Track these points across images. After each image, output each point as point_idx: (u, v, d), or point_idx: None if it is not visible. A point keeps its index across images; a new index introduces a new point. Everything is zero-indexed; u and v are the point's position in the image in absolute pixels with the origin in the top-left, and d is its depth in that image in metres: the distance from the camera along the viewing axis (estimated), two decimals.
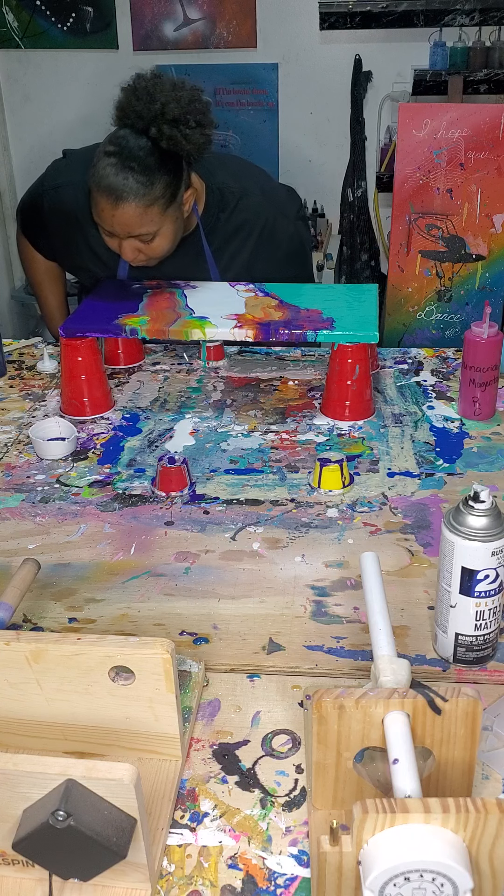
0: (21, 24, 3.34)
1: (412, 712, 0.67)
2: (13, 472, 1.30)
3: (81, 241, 1.65)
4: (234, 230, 1.62)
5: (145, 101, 1.39)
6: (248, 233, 1.63)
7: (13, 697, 0.77)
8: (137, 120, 1.40)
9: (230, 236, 1.63)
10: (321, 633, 0.96)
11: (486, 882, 0.60)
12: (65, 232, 1.66)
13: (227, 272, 1.64)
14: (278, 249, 1.65)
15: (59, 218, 1.66)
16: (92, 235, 1.59)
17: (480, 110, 1.72)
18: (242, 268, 1.65)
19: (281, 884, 0.69)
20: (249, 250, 1.64)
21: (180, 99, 1.39)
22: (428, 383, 1.55)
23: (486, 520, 0.82)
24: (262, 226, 1.63)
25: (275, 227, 1.64)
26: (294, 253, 1.68)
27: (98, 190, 1.40)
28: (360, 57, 3.19)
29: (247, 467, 1.29)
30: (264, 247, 1.64)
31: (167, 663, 0.73)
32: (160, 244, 1.48)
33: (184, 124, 1.38)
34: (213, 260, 1.63)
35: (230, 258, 1.64)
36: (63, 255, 1.75)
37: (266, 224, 1.63)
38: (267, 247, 1.64)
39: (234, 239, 1.63)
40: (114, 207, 1.40)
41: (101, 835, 0.60)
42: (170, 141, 1.39)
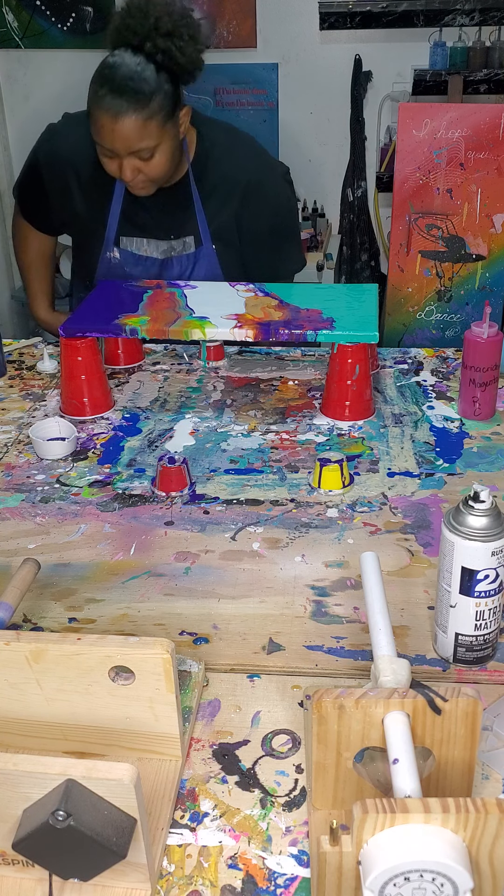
0: (21, 24, 3.34)
1: (412, 712, 0.67)
2: (13, 472, 1.30)
3: (75, 185, 1.68)
4: (222, 179, 1.66)
5: (139, 18, 1.45)
6: (236, 184, 1.67)
7: (13, 697, 0.77)
8: (132, 36, 1.45)
9: (218, 184, 1.66)
10: (321, 633, 0.96)
11: (486, 882, 0.60)
12: (59, 181, 1.70)
13: (214, 221, 1.68)
14: (266, 204, 1.69)
15: (54, 167, 1.70)
16: (86, 178, 1.64)
17: (480, 110, 1.72)
18: (230, 218, 1.68)
19: (281, 884, 0.69)
20: (238, 201, 1.67)
21: (172, 13, 1.46)
22: (428, 383, 1.55)
23: (486, 520, 0.82)
24: (250, 179, 1.67)
25: (263, 182, 1.68)
26: (282, 207, 1.74)
27: (97, 107, 1.44)
28: (360, 57, 3.19)
29: (247, 467, 1.29)
30: (252, 200, 1.68)
31: (167, 663, 0.73)
32: (159, 162, 1.51)
33: (177, 37, 1.45)
34: (202, 206, 1.66)
35: (218, 207, 1.67)
36: (59, 210, 1.76)
37: (254, 178, 1.67)
38: (255, 200, 1.68)
39: (222, 188, 1.67)
40: (114, 122, 1.44)
41: (101, 835, 0.60)
42: (164, 55, 1.45)
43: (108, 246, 1.70)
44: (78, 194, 1.70)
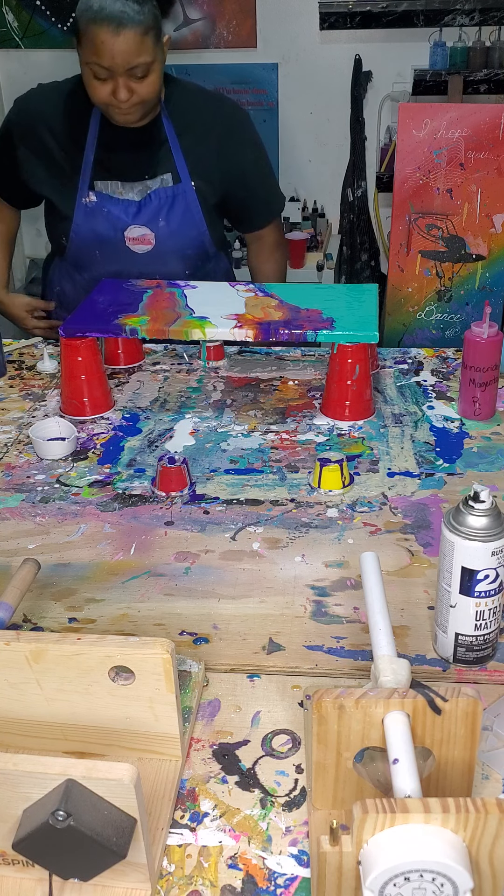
0: (21, 24, 3.34)
1: (412, 712, 0.67)
2: (13, 472, 1.30)
3: (49, 138, 1.71)
4: (198, 116, 1.73)
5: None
6: (215, 121, 1.73)
7: (13, 697, 0.77)
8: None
9: (194, 121, 1.72)
10: (321, 633, 0.96)
11: (486, 882, 0.60)
12: (32, 138, 1.73)
13: (192, 156, 1.72)
14: (248, 140, 1.79)
15: (25, 125, 1.74)
16: (59, 130, 1.69)
17: (480, 110, 1.72)
18: (211, 154, 1.73)
19: (281, 884, 0.69)
20: (218, 139, 1.73)
21: None
22: (428, 383, 1.55)
23: (486, 520, 0.82)
24: (228, 116, 1.75)
25: (243, 121, 1.78)
26: (259, 144, 1.82)
27: (96, 22, 1.48)
28: (360, 57, 3.19)
29: (247, 467, 1.29)
30: (235, 136, 1.76)
31: (167, 663, 0.73)
32: (151, 81, 1.56)
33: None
34: (178, 143, 1.71)
35: (196, 143, 1.72)
36: (32, 174, 1.77)
37: (232, 115, 1.76)
38: (237, 136, 1.76)
39: (198, 125, 1.72)
40: (115, 35, 1.47)
41: (101, 835, 0.60)
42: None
43: (84, 191, 1.71)
44: (53, 145, 1.72)
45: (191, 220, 1.75)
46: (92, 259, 1.78)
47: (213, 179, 1.75)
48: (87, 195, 1.71)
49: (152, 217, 1.73)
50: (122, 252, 1.75)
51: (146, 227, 1.72)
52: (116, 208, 1.72)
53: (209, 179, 1.75)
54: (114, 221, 1.73)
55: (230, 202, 1.81)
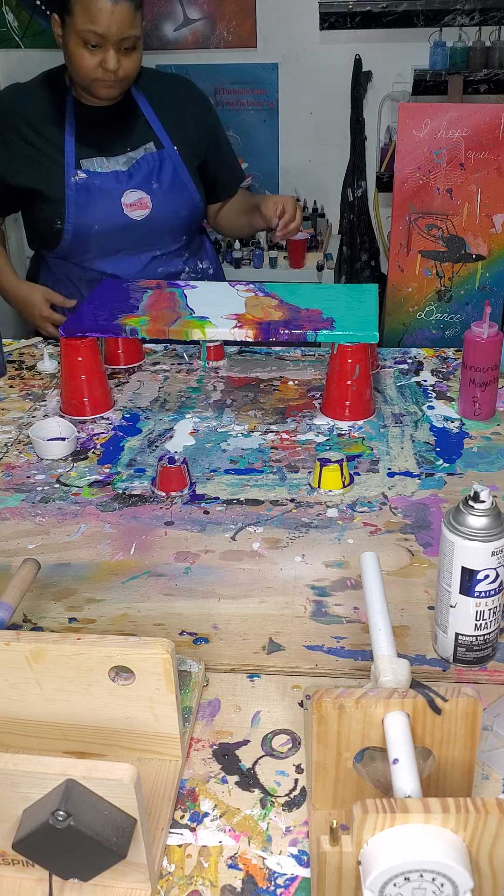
0: (21, 24, 3.34)
1: (412, 712, 0.67)
2: (13, 472, 1.30)
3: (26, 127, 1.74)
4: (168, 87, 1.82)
5: None
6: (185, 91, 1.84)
7: (13, 697, 0.77)
8: None
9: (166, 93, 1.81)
10: (321, 633, 0.96)
11: (486, 882, 0.60)
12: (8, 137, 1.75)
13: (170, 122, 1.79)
14: (209, 106, 1.90)
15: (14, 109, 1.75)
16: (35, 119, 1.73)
17: (480, 110, 1.72)
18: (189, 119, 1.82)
19: (281, 884, 0.69)
20: (193, 105, 1.84)
21: None
22: (428, 383, 1.55)
23: (486, 520, 0.82)
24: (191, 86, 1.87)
25: (199, 90, 1.89)
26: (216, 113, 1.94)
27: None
28: (360, 57, 3.19)
29: (247, 467, 1.29)
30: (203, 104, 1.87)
31: (167, 663, 0.73)
32: (135, 59, 1.63)
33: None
34: (154, 113, 1.78)
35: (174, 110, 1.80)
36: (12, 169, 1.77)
37: (193, 87, 1.87)
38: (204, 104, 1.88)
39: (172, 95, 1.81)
40: (114, 4, 1.55)
41: (101, 835, 0.60)
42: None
43: (71, 171, 1.73)
44: (32, 135, 1.74)
45: (180, 182, 1.79)
46: (90, 237, 1.77)
47: (193, 144, 1.82)
48: (76, 174, 1.73)
49: (144, 181, 1.76)
50: (120, 221, 1.76)
51: (141, 190, 1.75)
52: (108, 179, 1.74)
53: (190, 144, 1.81)
54: (107, 191, 1.74)
55: (208, 168, 1.88)
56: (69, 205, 1.73)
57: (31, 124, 1.74)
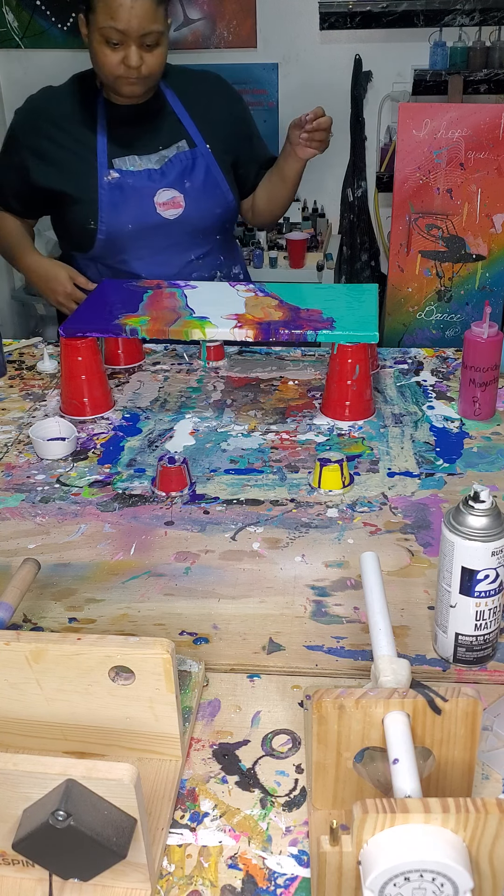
0: (21, 24, 3.34)
1: (412, 712, 0.67)
2: (13, 472, 1.30)
3: (57, 131, 1.74)
4: (199, 84, 1.82)
5: None
6: (216, 87, 1.84)
7: (13, 697, 0.77)
8: None
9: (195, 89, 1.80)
10: (321, 633, 0.96)
11: (486, 882, 0.60)
12: (39, 141, 1.75)
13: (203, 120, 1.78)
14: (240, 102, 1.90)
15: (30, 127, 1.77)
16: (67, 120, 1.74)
17: (480, 110, 1.72)
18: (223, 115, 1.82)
19: (281, 884, 0.69)
20: (224, 100, 1.84)
21: None
22: (428, 383, 1.55)
23: (486, 520, 0.82)
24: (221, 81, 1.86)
25: (229, 86, 1.89)
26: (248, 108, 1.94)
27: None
28: (360, 57, 3.19)
29: (247, 467, 1.29)
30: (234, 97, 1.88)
31: (167, 663, 0.73)
32: (158, 55, 1.62)
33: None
34: (186, 110, 1.78)
35: (206, 107, 1.79)
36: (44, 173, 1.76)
37: (223, 82, 1.87)
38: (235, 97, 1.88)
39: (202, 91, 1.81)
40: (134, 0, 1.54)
41: (101, 835, 0.60)
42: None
43: (104, 171, 1.73)
44: (64, 138, 1.74)
45: (213, 180, 1.78)
46: (123, 238, 1.76)
47: (225, 141, 1.81)
48: (108, 173, 1.72)
49: (177, 179, 1.75)
50: (153, 220, 1.75)
51: (174, 188, 1.74)
52: (140, 178, 1.73)
53: (222, 141, 1.80)
54: (140, 190, 1.73)
55: (241, 164, 1.86)
56: (102, 205, 1.72)
57: (63, 127, 1.74)
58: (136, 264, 1.79)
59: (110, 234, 1.75)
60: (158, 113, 1.76)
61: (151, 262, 1.79)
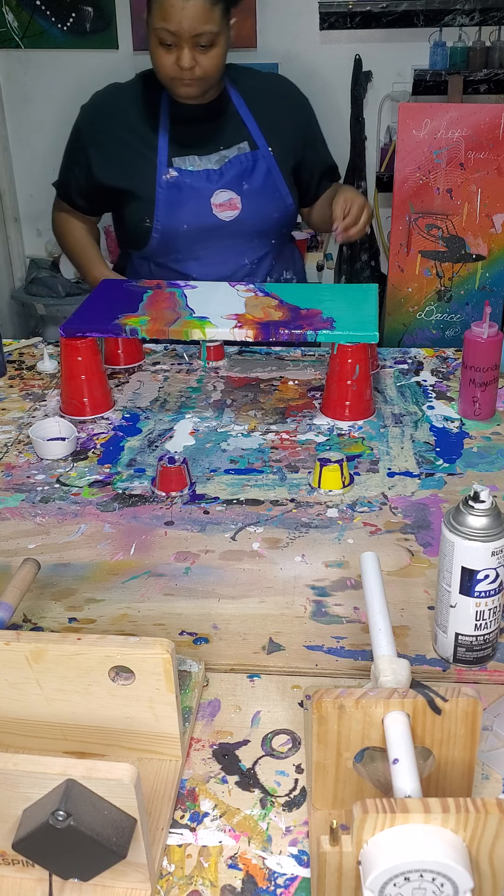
0: (21, 24, 3.34)
1: (412, 712, 0.67)
2: (13, 472, 1.30)
3: (121, 127, 1.74)
4: (266, 86, 1.81)
5: None
6: (283, 91, 1.83)
7: (13, 697, 0.77)
8: None
9: (261, 93, 1.79)
10: (321, 633, 0.96)
11: (486, 882, 0.60)
12: (104, 137, 1.75)
13: (267, 123, 1.76)
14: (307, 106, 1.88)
15: (95, 125, 1.77)
16: (132, 117, 1.74)
17: (480, 110, 1.73)
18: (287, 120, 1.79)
19: (281, 884, 0.69)
20: (290, 105, 1.82)
21: None
22: (428, 383, 1.55)
23: (486, 520, 0.82)
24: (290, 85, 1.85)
25: (297, 89, 1.87)
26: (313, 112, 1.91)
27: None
28: (360, 57, 3.19)
29: (247, 467, 1.29)
30: (301, 103, 1.86)
31: (167, 663, 0.73)
32: (215, 55, 1.62)
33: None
34: (250, 112, 1.76)
35: (270, 110, 1.77)
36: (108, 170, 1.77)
37: (290, 86, 1.85)
38: (302, 104, 1.86)
39: (268, 94, 1.79)
40: (185, 0, 1.53)
41: (101, 835, 0.60)
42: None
43: (163, 169, 1.72)
44: (128, 135, 1.74)
45: (273, 183, 1.76)
46: (178, 237, 1.75)
47: (288, 145, 1.79)
48: (167, 172, 1.72)
49: (235, 181, 1.73)
50: (208, 221, 1.74)
51: (231, 190, 1.73)
52: (199, 178, 1.73)
53: (285, 144, 1.78)
54: (198, 190, 1.72)
55: (303, 169, 1.84)
56: (159, 203, 1.72)
57: (126, 123, 1.74)
58: (189, 265, 1.78)
59: (165, 232, 1.74)
60: (221, 113, 1.75)
61: (205, 264, 1.78)
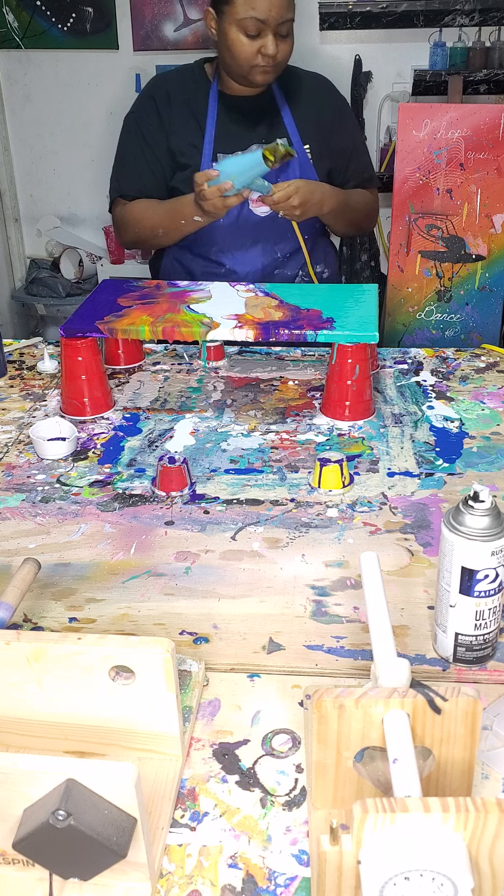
0: (21, 24, 3.34)
1: (412, 712, 0.67)
2: (13, 472, 1.30)
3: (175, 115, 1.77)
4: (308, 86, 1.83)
5: None
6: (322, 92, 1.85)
7: (13, 697, 0.77)
8: None
9: (301, 90, 1.81)
10: (321, 633, 0.96)
11: (486, 882, 0.60)
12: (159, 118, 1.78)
13: (303, 122, 1.78)
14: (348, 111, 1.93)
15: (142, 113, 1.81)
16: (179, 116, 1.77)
17: (480, 110, 1.72)
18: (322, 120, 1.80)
19: (281, 883, 0.69)
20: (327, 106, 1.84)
21: None
22: (428, 383, 1.55)
23: (486, 520, 0.82)
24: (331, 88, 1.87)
25: (339, 93, 1.90)
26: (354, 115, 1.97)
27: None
28: (360, 57, 3.19)
29: (247, 467, 1.29)
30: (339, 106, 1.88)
31: (167, 663, 0.73)
32: (289, 44, 1.68)
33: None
34: (289, 110, 1.79)
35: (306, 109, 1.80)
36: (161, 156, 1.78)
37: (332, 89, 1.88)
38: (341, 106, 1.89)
39: (306, 93, 1.81)
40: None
41: (101, 834, 0.61)
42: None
43: (207, 162, 1.74)
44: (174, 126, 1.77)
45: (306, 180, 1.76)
46: (214, 230, 1.77)
47: (324, 146, 1.80)
48: (210, 167, 1.71)
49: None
50: (244, 216, 1.76)
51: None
52: None
53: (321, 145, 1.80)
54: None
55: (338, 172, 1.86)
56: None
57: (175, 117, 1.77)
58: (224, 257, 1.81)
59: (203, 227, 1.75)
60: (266, 109, 1.78)
61: (239, 256, 1.80)
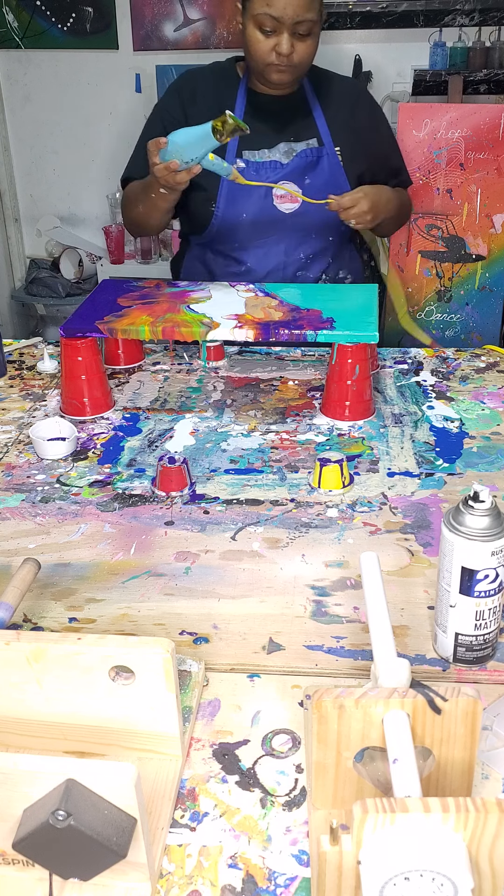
0: (21, 24, 3.34)
1: (412, 712, 0.67)
2: (13, 472, 1.30)
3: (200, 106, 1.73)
4: (339, 87, 1.80)
5: None
6: (353, 94, 1.81)
7: (13, 697, 0.77)
8: None
9: (335, 92, 1.78)
10: (321, 633, 0.96)
11: (486, 882, 0.60)
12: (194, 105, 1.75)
13: (335, 123, 1.76)
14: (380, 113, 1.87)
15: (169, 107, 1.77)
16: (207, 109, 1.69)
17: (480, 110, 1.73)
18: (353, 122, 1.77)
19: (281, 883, 0.69)
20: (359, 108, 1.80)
21: None
22: (428, 383, 1.55)
23: (486, 520, 0.82)
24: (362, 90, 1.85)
25: (372, 97, 1.86)
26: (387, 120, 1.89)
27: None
28: (360, 57, 3.19)
29: (247, 467, 1.29)
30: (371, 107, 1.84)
31: (167, 663, 0.73)
32: (309, 45, 1.64)
33: None
34: (322, 111, 1.75)
35: (338, 110, 1.77)
36: None
37: (365, 93, 1.85)
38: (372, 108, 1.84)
39: (338, 95, 1.78)
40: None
41: (101, 834, 0.61)
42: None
43: (231, 158, 1.72)
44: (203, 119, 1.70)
45: (336, 181, 1.74)
46: (238, 226, 1.75)
47: (355, 149, 1.77)
48: (235, 163, 1.71)
49: (298, 174, 1.72)
50: (269, 213, 1.73)
51: (293, 183, 1.71)
52: (264, 169, 1.72)
53: (352, 148, 1.77)
54: (261, 180, 1.71)
55: (368, 177, 1.82)
56: (221, 191, 1.72)
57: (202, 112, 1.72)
58: (246, 255, 1.77)
59: (225, 220, 1.74)
60: (297, 108, 1.75)
61: (261, 255, 1.77)
